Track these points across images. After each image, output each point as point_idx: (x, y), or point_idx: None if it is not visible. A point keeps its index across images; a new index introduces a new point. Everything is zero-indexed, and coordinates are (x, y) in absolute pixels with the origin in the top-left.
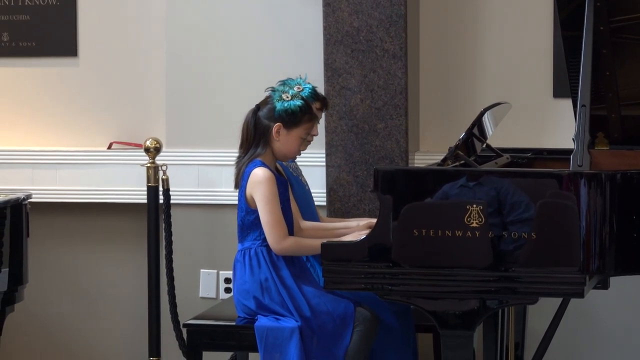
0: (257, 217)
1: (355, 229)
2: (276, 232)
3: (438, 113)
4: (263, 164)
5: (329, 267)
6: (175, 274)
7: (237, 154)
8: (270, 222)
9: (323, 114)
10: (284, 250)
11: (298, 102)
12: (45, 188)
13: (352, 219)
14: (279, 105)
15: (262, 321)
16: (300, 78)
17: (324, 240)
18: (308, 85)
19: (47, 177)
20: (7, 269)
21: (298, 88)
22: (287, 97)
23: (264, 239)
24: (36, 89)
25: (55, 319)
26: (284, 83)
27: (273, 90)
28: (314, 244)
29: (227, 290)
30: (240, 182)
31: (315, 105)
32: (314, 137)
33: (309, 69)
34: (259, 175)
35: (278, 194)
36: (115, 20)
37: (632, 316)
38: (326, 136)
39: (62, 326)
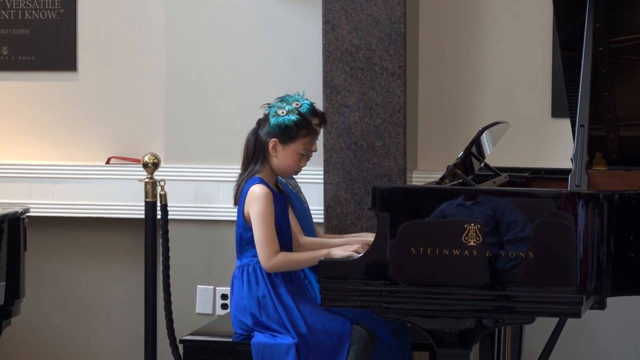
0: None
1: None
2: (267, 249)
3: (436, 131)
4: (262, 181)
5: (326, 285)
6: (172, 289)
7: (235, 171)
8: (262, 239)
9: (322, 131)
10: (273, 267)
11: (293, 117)
12: (43, 202)
13: (351, 235)
14: (273, 121)
15: (259, 337)
16: (299, 94)
17: (314, 252)
18: (306, 102)
19: (45, 191)
20: (4, 283)
21: (296, 104)
22: (282, 113)
23: None
24: (35, 103)
25: (52, 333)
26: (282, 99)
27: (270, 106)
28: (303, 257)
29: (224, 306)
30: (239, 198)
31: (314, 121)
32: (313, 154)
33: (308, 86)
34: (256, 192)
35: (274, 212)
36: (115, 35)
37: (629, 337)
38: (324, 153)
39: (58, 340)
